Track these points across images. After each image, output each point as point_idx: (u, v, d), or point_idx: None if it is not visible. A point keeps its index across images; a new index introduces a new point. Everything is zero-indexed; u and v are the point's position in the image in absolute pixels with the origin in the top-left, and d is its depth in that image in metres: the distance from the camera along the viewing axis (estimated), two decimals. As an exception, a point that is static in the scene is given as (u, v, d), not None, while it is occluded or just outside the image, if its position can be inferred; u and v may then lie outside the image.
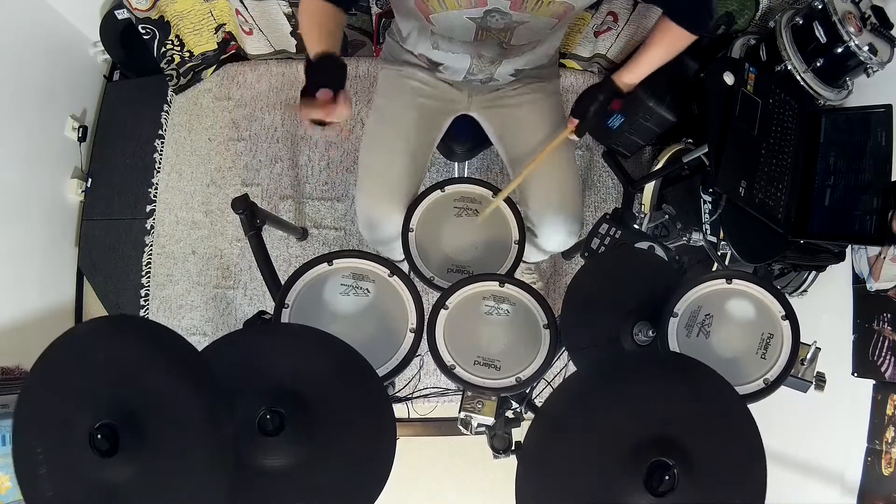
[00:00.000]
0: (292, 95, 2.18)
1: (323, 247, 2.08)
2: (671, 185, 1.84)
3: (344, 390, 0.86)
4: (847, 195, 1.31)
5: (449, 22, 1.13)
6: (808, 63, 1.48)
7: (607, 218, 1.25)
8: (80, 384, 0.71)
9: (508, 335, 1.08)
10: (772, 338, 0.98)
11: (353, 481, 0.81)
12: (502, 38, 1.17)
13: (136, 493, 0.68)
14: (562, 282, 2.04)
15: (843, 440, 1.38)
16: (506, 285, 1.10)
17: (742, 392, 0.94)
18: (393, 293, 1.10)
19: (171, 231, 2.12)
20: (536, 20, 1.12)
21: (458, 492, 2.02)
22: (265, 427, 0.76)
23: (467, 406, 1.05)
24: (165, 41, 2.01)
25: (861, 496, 1.30)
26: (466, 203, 1.25)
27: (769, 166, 1.36)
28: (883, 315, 1.35)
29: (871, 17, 1.41)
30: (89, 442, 0.65)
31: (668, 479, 0.68)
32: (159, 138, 2.20)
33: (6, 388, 1.60)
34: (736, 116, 1.35)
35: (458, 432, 1.09)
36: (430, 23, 1.15)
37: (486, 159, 2.11)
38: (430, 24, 1.15)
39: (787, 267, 1.63)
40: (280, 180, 2.13)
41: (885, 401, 1.30)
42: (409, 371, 1.09)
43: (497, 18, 1.10)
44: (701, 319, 1.00)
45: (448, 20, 1.13)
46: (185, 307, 2.07)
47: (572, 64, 2.15)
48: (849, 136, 1.37)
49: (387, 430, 0.84)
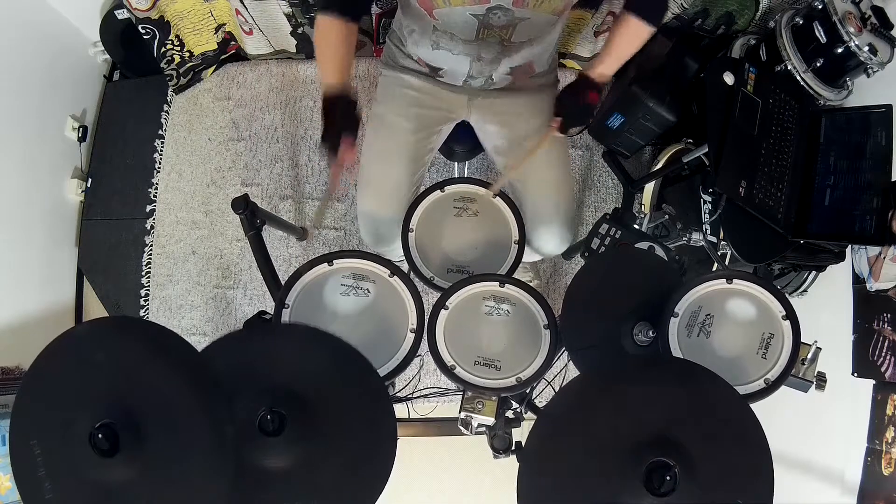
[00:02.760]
0: (292, 95, 2.18)
1: (323, 247, 2.08)
2: (671, 185, 1.84)
3: (344, 390, 0.86)
4: (847, 195, 1.31)
5: (452, 18, 1.14)
6: (808, 63, 1.48)
7: (607, 218, 1.25)
8: (79, 384, 0.71)
9: (508, 335, 1.08)
10: (772, 338, 0.98)
11: (354, 481, 0.81)
12: (503, 35, 1.18)
13: (136, 493, 0.68)
14: (562, 282, 2.04)
15: (843, 440, 1.38)
16: (506, 285, 1.10)
17: (743, 392, 0.94)
18: (393, 293, 1.09)
19: (171, 231, 2.12)
20: (538, 16, 1.14)
21: (458, 492, 2.02)
22: (266, 427, 0.76)
23: (467, 406, 1.05)
24: (165, 41, 2.01)
25: (861, 496, 1.30)
26: (466, 203, 1.25)
27: (769, 166, 1.36)
28: (883, 315, 1.35)
29: (871, 18, 1.41)
30: (89, 442, 0.65)
31: (668, 480, 0.68)
32: (159, 138, 2.20)
33: (6, 388, 1.60)
34: (736, 116, 1.35)
35: (458, 432, 1.09)
36: (433, 18, 1.16)
37: (486, 159, 2.10)
38: (433, 20, 1.16)
39: (787, 267, 1.62)
40: (280, 180, 2.13)
41: (885, 401, 1.30)
42: (409, 371, 1.09)
43: (499, 15, 1.12)
44: (702, 319, 1.00)
45: (451, 16, 1.14)
46: (185, 307, 2.07)
47: (572, 64, 2.15)
48: (849, 136, 1.37)
49: (387, 430, 0.84)
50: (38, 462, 0.68)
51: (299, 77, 2.19)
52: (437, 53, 1.26)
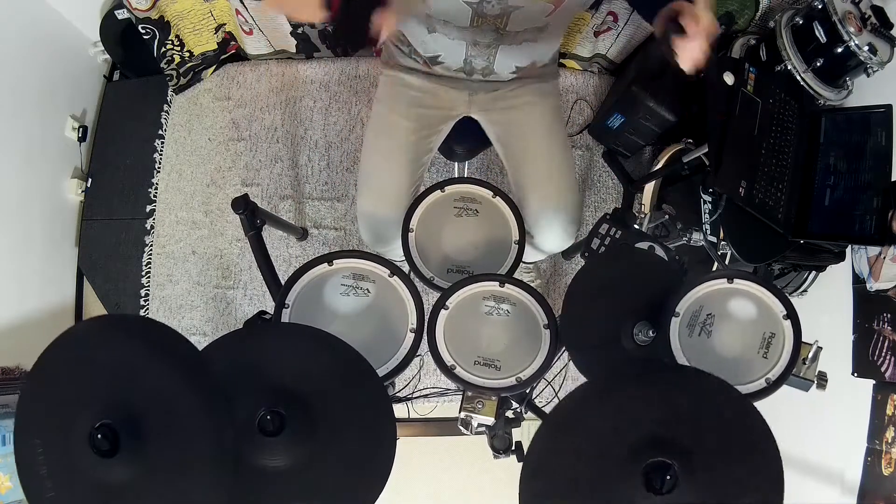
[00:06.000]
0: (292, 95, 2.18)
1: (323, 247, 2.08)
2: (671, 185, 1.84)
3: (344, 390, 0.86)
4: (847, 195, 1.31)
5: (445, 5, 1.14)
6: (808, 63, 1.48)
7: (607, 218, 1.25)
8: (79, 384, 0.71)
9: (508, 335, 1.08)
10: (773, 337, 0.98)
11: (354, 481, 0.81)
12: (498, 23, 1.18)
13: (136, 493, 0.68)
14: (562, 282, 2.04)
15: (843, 440, 1.38)
16: (506, 285, 1.10)
17: (744, 391, 0.94)
18: (393, 293, 1.09)
19: (171, 231, 2.12)
20: (531, 5, 1.13)
21: (458, 492, 2.02)
22: (265, 427, 0.76)
23: (467, 406, 1.05)
24: (165, 41, 2.01)
25: (861, 496, 1.30)
26: (466, 203, 1.25)
27: (769, 166, 1.36)
28: (883, 315, 1.35)
29: (871, 17, 1.40)
30: (89, 442, 0.65)
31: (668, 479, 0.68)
32: (159, 138, 2.20)
33: (6, 388, 1.60)
34: (736, 116, 1.35)
35: (458, 432, 1.09)
36: (427, 6, 1.15)
37: (486, 159, 2.11)
38: (426, 8, 1.16)
39: (787, 267, 1.62)
40: (280, 180, 2.13)
41: (885, 401, 1.30)
42: (409, 371, 1.09)
43: (493, 4, 1.11)
44: (703, 319, 1.00)
45: (444, 4, 1.13)
46: (185, 307, 2.07)
47: (572, 64, 2.15)
48: (849, 136, 1.37)
49: (387, 430, 0.84)
50: (40, 461, 0.68)
51: (299, 77, 2.19)
52: (432, 37, 1.25)
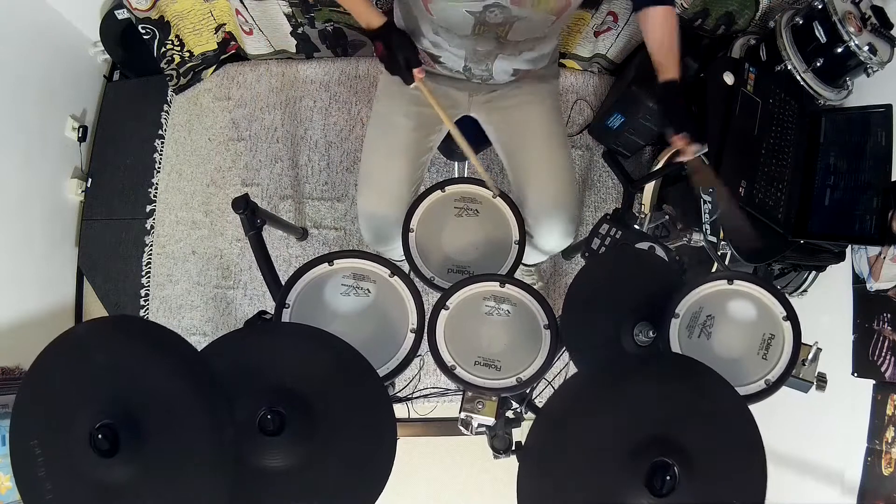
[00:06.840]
0: (292, 95, 2.18)
1: (323, 247, 2.08)
2: (671, 185, 1.84)
3: (344, 390, 0.86)
4: (847, 195, 1.31)
5: (447, 14, 1.14)
6: (808, 63, 1.48)
7: (607, 218, 1.25)
8: (79, 384, 0.71)
9: (509, 335, 1.08)
10: (773, 338, 0.98)
11: (354, 481, 0.81)
12: (500, 32, 1.18)
13: (136, 493, 0.68)
14: (562, 282, 2.04)
15: (843, 440, 1.38)
16: (506, 285, 1.10)
17: (743, 393, 0.94)
18: (393, 293, 1.09)
19: (171, 231, 2.12)
20: (535, 15, 1.14)
21: (458, 492, 2.02)
22: (265, 427, 0.76)
23: (467, 406, 1.05)
24: (165, 41, 2.01)
25: (861, 496, 1.30)
26: (466, 203, 1.25)
27: (769, 166, 1.36)
28: (883, 315, 1.35)
29: (871, 17, 1.40)
30: (89, 442, 0.65)
31: (668, 479, 0.68)
32: (159, 138, 2.20)
33: (6, 388, 1.60)
34: (736, 116, 1.35)
35: (458, 432, 1.09)
36: (429, 13, 1.16)
37: (486, 159, 2.10)
38: (429, 14, 1.17)
39: (787, 267, 1.62)
40: (280, 180, 2.13)
41: (885, 401, 1.30)
42: (409, 371, 1.09)
43: (496, 13, 1.12)
44: (702, 320, 1.00)
45: (446, 11, 1.14)
46: (185, 307, 2.07)
47: (572, 64, 2.15)
48: (849, 136, 1.37)
49: (387, 430, 0.84)
50: (39, 462, 0.68)
51: (299, 77, 2.19)
52: (436, 38, 1.26)
